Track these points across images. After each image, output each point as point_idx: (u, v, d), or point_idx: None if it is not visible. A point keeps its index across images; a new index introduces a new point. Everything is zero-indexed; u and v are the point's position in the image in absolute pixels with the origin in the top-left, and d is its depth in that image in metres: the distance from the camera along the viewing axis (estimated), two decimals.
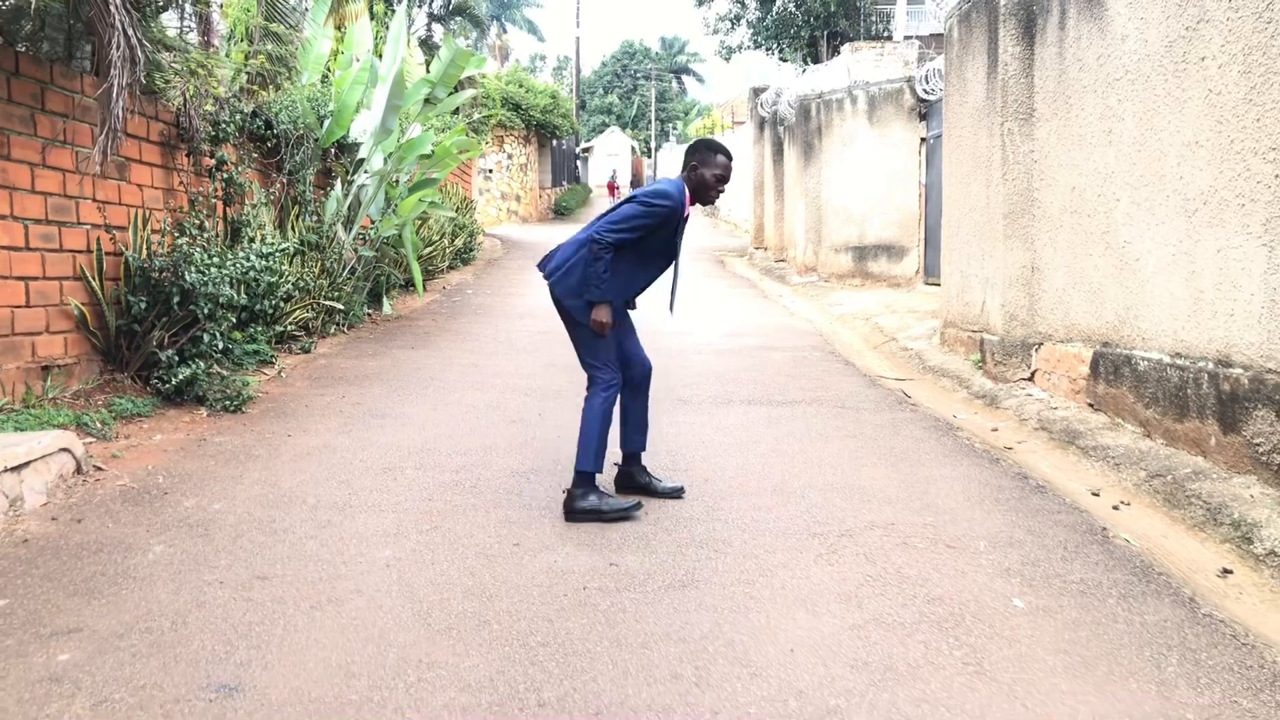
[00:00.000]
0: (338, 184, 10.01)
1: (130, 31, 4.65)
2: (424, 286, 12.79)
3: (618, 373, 4.54)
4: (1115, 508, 4.77)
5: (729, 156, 4.51)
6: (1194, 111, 5.19)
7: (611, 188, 48.79)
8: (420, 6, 22.41)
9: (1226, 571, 3.93)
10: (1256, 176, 4.67)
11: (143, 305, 6.20)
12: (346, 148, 10.26)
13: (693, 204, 4.55)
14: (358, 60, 10.10)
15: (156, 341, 6.17)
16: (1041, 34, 7.07)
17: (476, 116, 19.48)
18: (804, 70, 20.15)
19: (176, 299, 6.20)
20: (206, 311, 6.30)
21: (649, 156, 66.75)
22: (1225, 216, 4.92)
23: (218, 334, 6.47)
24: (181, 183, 7.32)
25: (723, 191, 4.53)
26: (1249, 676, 2.99)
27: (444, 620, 3.30)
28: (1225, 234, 4.92)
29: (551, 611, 3.38)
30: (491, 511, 4.47)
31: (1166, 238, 5.47)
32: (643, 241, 4.43)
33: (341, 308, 9.30)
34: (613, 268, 4.34)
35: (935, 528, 4.32)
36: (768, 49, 28.20)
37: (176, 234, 6.65)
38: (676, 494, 4.73)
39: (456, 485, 4.86)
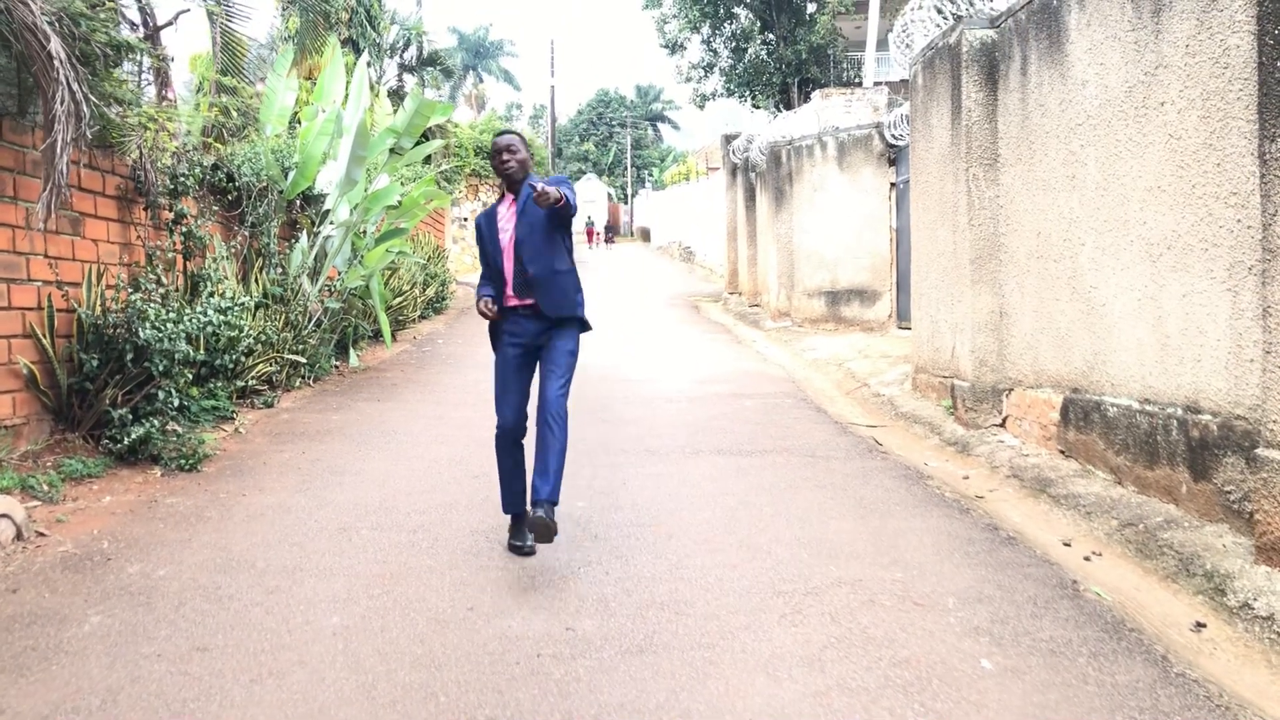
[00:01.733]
0: (303, 236, 9.91)
1: (75, 86, 4.55)
2: (393, 337, 12.67)
3: (501, 419, 4.59)
4: (1087, 559, 4.67)
5: (499, 135, 4.63)
6: (1155, 156, 5.18)
7: (590, 234, 48.94)
8: (391, 57, 22.45)
9: (1200, 625, 3.83)
10: (1219, 221, 4.64)
11: (95, 363, 6.05)
12: (312, 199, 10.17)
13: (513, 193, 4.61)
14: (324, 111, 10.05)
15: (109, 400, 6.02)
16: (1004, 80, 7.08)
17: (446, 166, 19.45)
18: (775, 117, 20.30)
19: (130, 356, 6.07)
20: (162, 368, 6.16)
21: (625, 203, 67.06)
22: (1189, 261, 4.89)
23: (173, 391, 6.32)
24: (139, 237, 7.21)
25: (507, 160, 4.54)
26: None
27: (389, 693, 3.16)
28: (1190, 279, 4.88)
29: (502, 681, 3.24)
30: (447, 573, 4.33)
31: (1132, 283, 5.43)
32: (487, 252, 4.64)
33: (304, 361, 9.14)
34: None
35: (903, 584, 4.21)
36: (740, 96, 28.49)
37: (131, 289, 6.53)
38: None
39: (413, 546, 4.72)
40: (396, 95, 20.97)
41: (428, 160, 19.20)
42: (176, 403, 6.38)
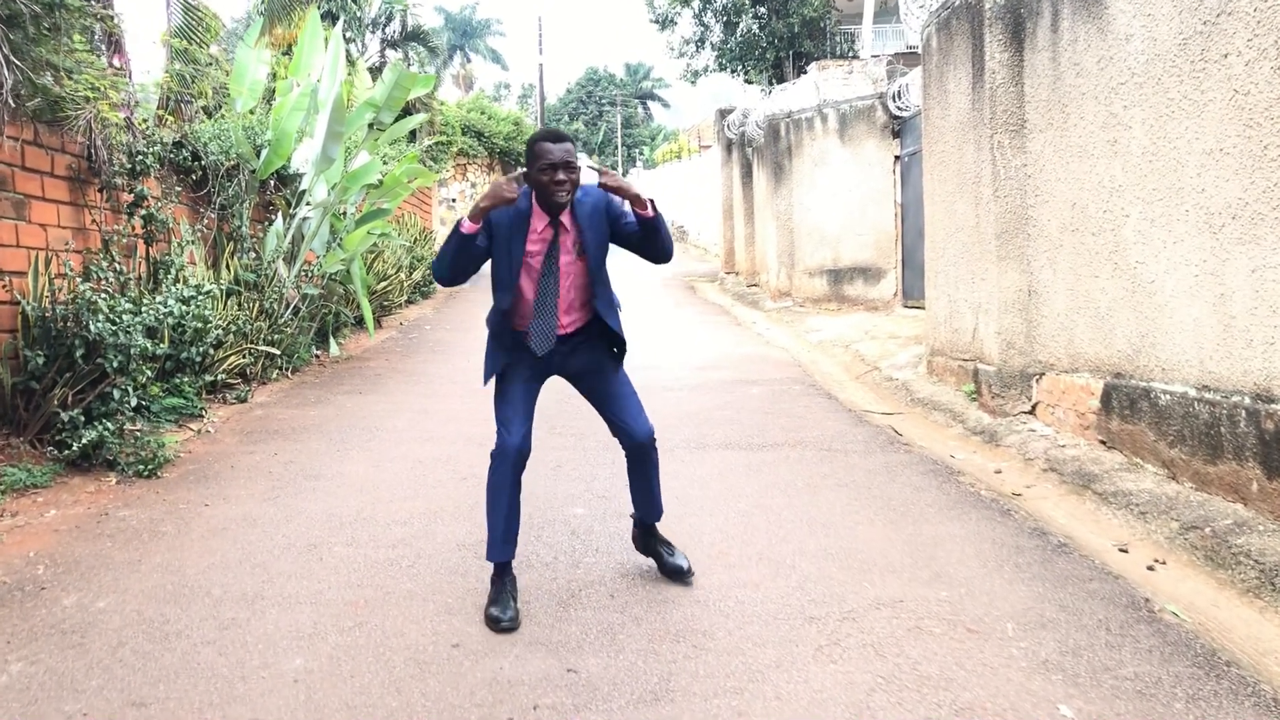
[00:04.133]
0: (278, 218, 9.32)
1: None
2: (378, 323, 12.11)
3: (507, 437, 3.67)
4: (1150, 568, 4.15)
5: (553, 139, 3.54)
6: (1216, 115, 4.63)
7: None
8: (373, 32, 21.73)
9: None
10: None
11: (41, 360, 5.49)
12: (287, 179, 9.56)
13: (548, 210, 3.61)
14: (299, 85, 9.43)
15: (58, 400, 5.46)
16: (1031, 38, 6.52)
17: (428, 143, 18.78)
18: (769, 92, 19.70)
19: (80, 351, 5.50)
20: (116, 364, 5.59)
21: None
22: (1260, 232, 4.34)
23: (130, 389, 5.74)
24: (94, 221, 6.62)
25: (560, 181, 3.50)
26: None
27: None
28: (1261, 252, 4.34)
29: None
30: (429, 599, 3.79)
31: (1187, 257, 4.89)
32: (495, 262, 3.68)
33: (280, 352, 8.55)
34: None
35: (951, 604, 3.69)
36: (732, 71, 27.80)
37: (81, 279, 5.95)
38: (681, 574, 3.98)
39: (391, 565, 4.18)
40: (378, 72, 20.28)
41: (412, 137, 18.56)
42: (134, 402, 5.80)
